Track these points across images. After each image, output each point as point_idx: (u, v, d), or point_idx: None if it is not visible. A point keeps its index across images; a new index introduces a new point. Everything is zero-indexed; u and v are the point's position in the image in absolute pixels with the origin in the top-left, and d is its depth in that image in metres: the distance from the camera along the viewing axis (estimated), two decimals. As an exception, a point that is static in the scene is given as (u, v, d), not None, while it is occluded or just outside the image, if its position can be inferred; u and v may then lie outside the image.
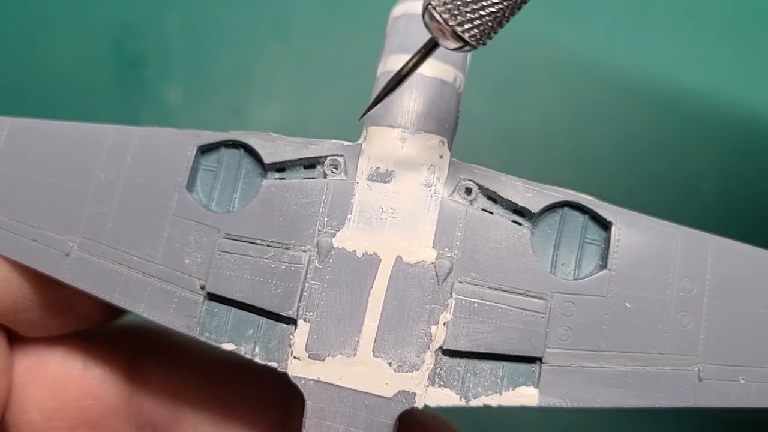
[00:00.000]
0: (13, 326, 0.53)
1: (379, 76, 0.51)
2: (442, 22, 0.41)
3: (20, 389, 0.54)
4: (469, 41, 0.42)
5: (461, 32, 0.41)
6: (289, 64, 0.97)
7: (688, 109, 0.92)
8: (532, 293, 0.47)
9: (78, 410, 0.55)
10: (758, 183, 0.89)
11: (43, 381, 0.54)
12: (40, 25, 0.97)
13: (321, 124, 0.95)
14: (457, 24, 0.41)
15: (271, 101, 0.96)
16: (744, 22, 0.95)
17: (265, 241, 0.48)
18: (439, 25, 0.42)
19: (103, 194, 0.50)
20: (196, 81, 0.96)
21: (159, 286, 0.48)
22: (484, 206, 0.49)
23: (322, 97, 0.96)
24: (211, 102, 0.96)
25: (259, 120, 0.95)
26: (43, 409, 0.54)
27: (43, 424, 0.54)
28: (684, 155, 0.91)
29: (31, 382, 0.54)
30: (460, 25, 0.41)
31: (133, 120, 0.93)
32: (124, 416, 0.56)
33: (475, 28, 0.42)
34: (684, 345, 0.47)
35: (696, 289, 0.48)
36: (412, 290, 0.47)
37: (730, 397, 0.47)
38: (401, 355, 0.46)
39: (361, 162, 0.49)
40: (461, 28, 0.41)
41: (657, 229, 0.48)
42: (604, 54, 0.94)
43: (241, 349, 0.47)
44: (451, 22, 0.41)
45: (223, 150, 0.51)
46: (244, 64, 0.97)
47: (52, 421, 0.54)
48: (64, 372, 0.55)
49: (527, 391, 0.47)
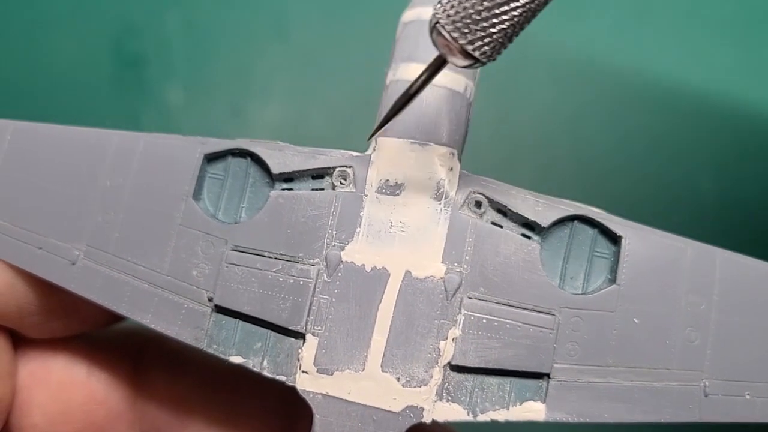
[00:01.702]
0: (18, 329, 0.53)
1: (388, 85, 0.51)
2: (451, 40, 0.41)
3: (24, 393, 0.54)
4: (480, 58, 0.41)
5: (471, 50, 0.41)
6: (289, 64, 0.97)
7: (687, 108, 0.92)
8: (540, 309, 0.47)
9: (82, 414, 0.54)
10: (757, 183, 0.89)
11: (48, 385, 0.54)
12: (40, 25, 0.96)
13: (321, 125, 0.94)
14: (467, 42, 0.41)
15: (271, 101, 0.96)
16: (743, 21, 0.95)
17: (273, 254, 0.48)
18: (448, 43, 0.41)
19: (109, 202, 0.49)
20: (196, 81, 0.96)
21: (166, 297, 0.48)
22: (493, 220, 0.49)
23: (322, 97, 0.96)
24: (211, 102, 0.96)
25: (259, 120, 0.95)
26: (47, 413, 0.54)
27: (47, 428, 0.54)
28: (683, 155, 0.91)
29: (36, 386, 0.54)
30: (471, 43, 0.41)
31: (133, 120, 0.92)
32: (129, 421, 0.56)
33: (486, 45, 0.41)
34: (691, 360, 0.47)
35: (704, 305, 0.47)
36: (420, 305, 0.47)
37: (735, 413, 0.47)
38: (409, 370, 0.46)
39: (371, 174, 0.49)
40: (471, 46, 0.41)
41: (666, 244, 0.48)
42: (604, 53, 0.94)
43: (249, 362, 0.47)
44: (461, 41, 0.41)
45: (230, 158, 0.50)
46: (244, 64, 0.97)
47: (56, 426, 0.54)
48: (68, 376, 0.54)
49: (534, 406, 0.47)
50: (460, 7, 0.40)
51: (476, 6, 0.40)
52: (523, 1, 0.40)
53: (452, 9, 0.40)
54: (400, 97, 0.45)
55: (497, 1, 0.40)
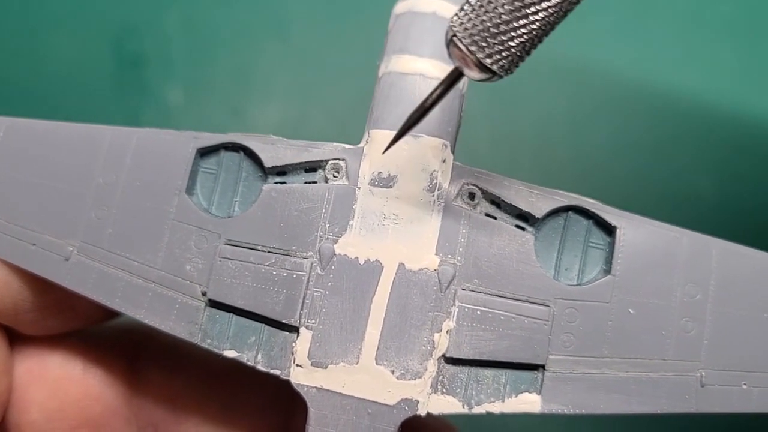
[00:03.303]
0: (13, 326, 0.53)
1: (381, 77, 0.51)
2: (468, 53, 0.40)
3: (21, 390, 0.54)
4: (497, 72, 0.41)
5: (489, 64, 0.40)
6: (289, 64, 0.97)
7: (687, 110, 0.91)
8: (535, 300, 0.47)
9: (79, 411, 0.55)
10: (757, 185, 0.89)
11: (44, 382, 0.54)
12: (40, 25, 0.96)
13: (321, 125, 0.94)
14: (485, 55, 0.40)
15: (271, 101, 0.96)
16: (743, 24, 0.95)
17: (267, 248, 0.48)
18: (464, 55, 0.40)
19: (102, 198, 0.49)
20: (196, 81, 0.96)
21: (160, 292, 0.48)
22: (487, 211, 0.49)
23: (322, 97, 0.96)
24: (211, 102, 0.96)
25: (259, 120, 0.95)
26: (44, 409, 0.54)
27: (44, 425, 0.54)
28: (683, 157, 0.91)
29: (32, 383, 0.54)
30: (489, 56, 0.40)
31: (133, 120, 0.93)
32: (125, 417, 0.56)
33: (504, 59, 0.40)
34: (687, 351, 0.47)
35: (700, 295, 0.47)
36: (414, 297, 0.47)
37: (732, 403, 0.47)
38: (404, 362, 0.46)
39: (363, 166, 0.48)
40: (489, 59, 0.40)
41: (661, 234, 0.48)
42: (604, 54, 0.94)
43: (244, 357, 0.47)
44: (479, 54, 0.40)
45: (222, 153, 0.50)
46: (244, 64, 0.97)
47: (53, 422, 0.54)
48: (64, 373, 0.55)
49: (530, 398, 0.47)
50: (478, 20, 0.40)
51: (494, 19, 0.39)
52: (542, 14, 0.40)
53: (469, 22, 0.40)
54: (415, 111, 0.44)
55: (516, 14, 0.39)
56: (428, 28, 0.50)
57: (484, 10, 0.40)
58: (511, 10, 0.39)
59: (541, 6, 0.39)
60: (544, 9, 0.39)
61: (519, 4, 0.39)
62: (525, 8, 0.39)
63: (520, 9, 0.39)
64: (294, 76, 0.96)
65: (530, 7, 0.39)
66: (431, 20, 0.50)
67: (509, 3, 0.39)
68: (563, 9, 0.40)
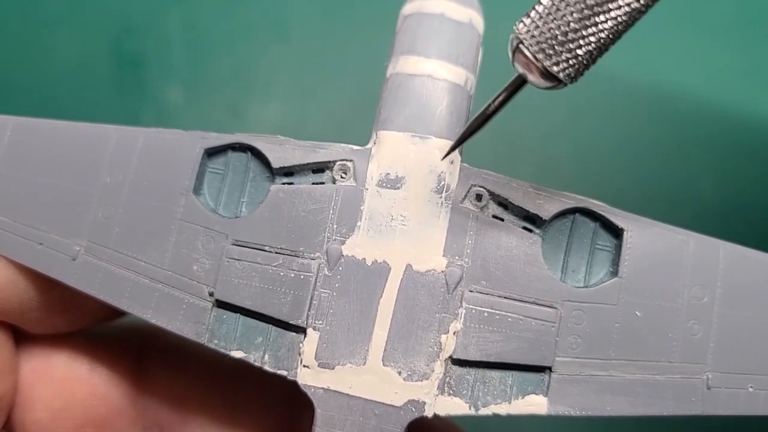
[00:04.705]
0: (19, 325, 0.53)
1: (388, 78, 0.51)
2: (534, 60, 0.40)
3: (27, 389, 0.54)
4: (563, 80, 0.41)
5: (556, 72, 0.40)
6: (289, 64, 0.96)
7: (686, 109, 0.91)
8: (542, 302, 0.47)
9: (84, 410, 0.54)
10: (757, 184, 0.89)
11: (50, 381, 0.54)
12: (40, 25, 0.96)
13: (321, 125, 0.94)
14: (553, 63, 0.40)
15: (271, 101, 0.95)
16: (743, 23, 0.95)
17: (274, 248, 0.48)
18: (529, 62, 0.40)
19: (109, 197, 0.49)
20: (196, 81, 0.96)
21: (167, 292, 0.48)
22: (495, 213, 0.49)
23: (322, 97, 0.95)
24: (211, 102, 0.95)
25: (259, 120, 0.95)
26: (49, 408, 0.54)
27: (49, 424, 0.54)
28: (682, 156, 0.91)
29: (38, 382, 0.54)
30: (556, 64, 0.40)
31: (133, 120, 0.92)
32: (131, 416, 0.56)
33: (571, 67, 0.40)
34: (693, 353, 0.47)
35: (707, 297, 0.47)
36: (422, 299, 0.47)
37: (738, 405, 0.47)
38: (411, 364, 0.46)
39: (371, 167, 0.48)
40: (557, 67, 0.40)
41: (668, 236, 0.48)
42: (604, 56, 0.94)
43: (251, 357, 0.47)
44: (546, 61, 0.40)
45: (230, 153, 0.50)
46: (244, 64, 0.96)
47: (58, 421, 0.54)
48: (70, 372, 0.54)
49: (536, 400, 0.47)
50: (545, 27, 0.39)
51: (563, 27, 0.39)
52: (610, 23, 0.39)
53: (537, 29, 0.40)
54: (475, 118, 0.44)
55: (585, 21, 0.39)
56: (436, 29, 0.50)
57: (552, 18, 0.39)
58: (580, 18, 0.39)
59: (610, 15, 0.39)
60: (613, 17, 0.39)
61: (588, 12, 0.39)
62: (594, 16, 0.39)
63: (589, 17, 0.39)
64: (294, 76, 0.96)
65: (599, 15, 0.39)
66: (439, 21, 0.50)
67: (578, 11, 0.39)
68: (632, 17, 0.40)
